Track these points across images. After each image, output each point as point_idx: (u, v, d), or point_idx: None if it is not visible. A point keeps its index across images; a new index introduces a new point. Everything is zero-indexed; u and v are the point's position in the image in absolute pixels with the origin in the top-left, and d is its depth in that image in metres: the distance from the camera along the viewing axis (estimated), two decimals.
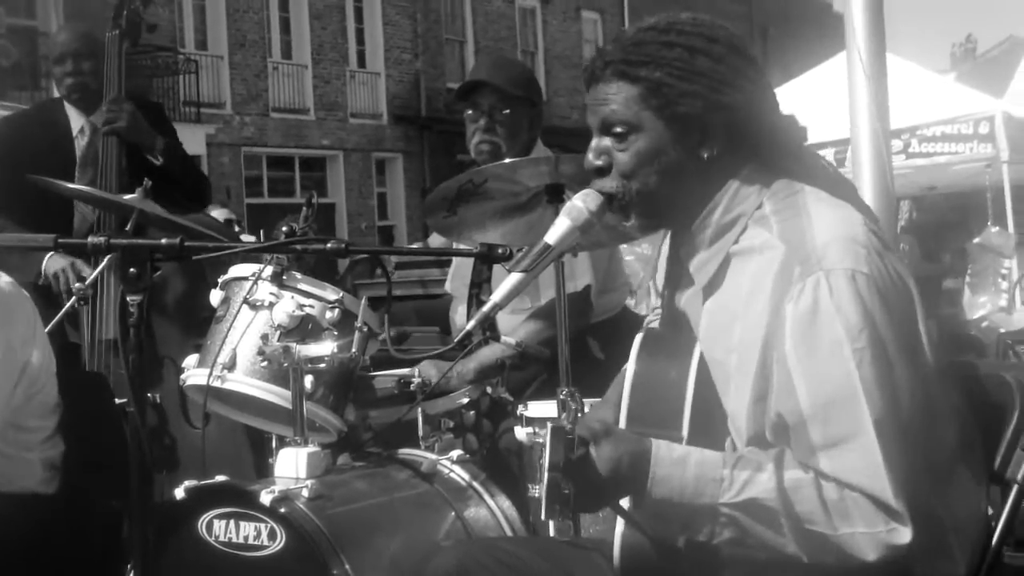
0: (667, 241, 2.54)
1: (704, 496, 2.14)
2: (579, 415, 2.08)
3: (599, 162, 2.35)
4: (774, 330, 2.18)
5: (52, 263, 4.77)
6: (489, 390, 3.87)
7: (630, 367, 2.45)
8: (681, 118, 2.28)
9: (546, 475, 2.00)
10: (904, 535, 2.08)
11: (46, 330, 3.45)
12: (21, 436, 3.23)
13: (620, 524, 2.35)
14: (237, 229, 8.25)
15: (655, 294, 2.65)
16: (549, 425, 2.04)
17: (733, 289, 2.29)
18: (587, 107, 2.40)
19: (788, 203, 2.29)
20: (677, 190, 2.33)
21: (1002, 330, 8.58)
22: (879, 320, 2.13)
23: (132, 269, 2.50)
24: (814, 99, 11.24)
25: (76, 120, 5.13)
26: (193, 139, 25.22)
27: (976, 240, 11.90)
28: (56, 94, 5.29)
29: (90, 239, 2.58)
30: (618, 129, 2.31)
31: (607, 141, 2.34)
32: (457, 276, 4.47)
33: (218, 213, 8.79)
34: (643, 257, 8.51)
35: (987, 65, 22.38)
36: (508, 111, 4.21)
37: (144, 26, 5.00)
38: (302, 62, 29.77)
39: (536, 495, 2.10)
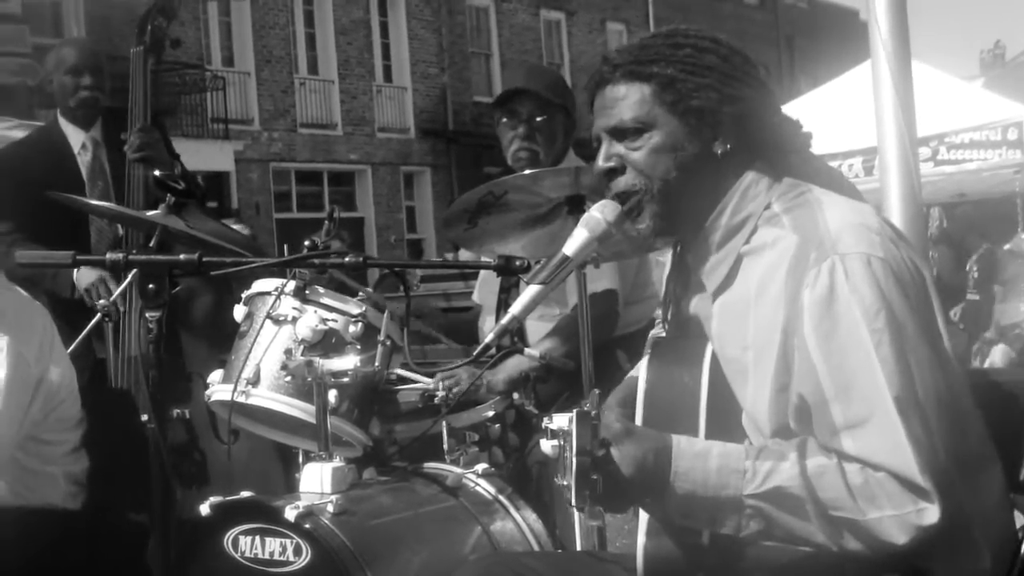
0: (669, 255, 2.54)
1: (728, 488, 2.13)
2: (603, 406, 2.06)
3: (611, 164, 2.37)
4: (793, 317, 2.18)
5: (83, 277, 4.78)
6: (516, 400, 3.86)
7: (641, 377, 2.44)
8: (695, 112, 2.30)
9: (574, 461, 1.98)
10: (933, 514, 2.06)
11: (72, 346, 3.46)
12: (42, 449, 3.24)
13: (642, 536, 2.34)
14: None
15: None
16: (574, 411, 2.01)
17: (744, 286, 2.29)
18: (594, 113, 2.41)
19: (798, 201, 2.31)
20: (693, 187, 2.33)
21: None
22: (896, 303, 2.14)
23: (151, 285, 2.51)
24: (841, 107, 11.20)
25: (75, 137, 5.15)
26: (221, 156, 25.36)
27: (1006, 247, 11.81)
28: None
29: (108, 255, 2.59)
30: (632, 128, 2.32)
31: (618, 145, 2.35)
32: (484, 286, 4.47)
33: (241, 227, 8.80)
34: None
35: (1017, 70, 22.31)
36: (545, 118, 4.21)
37: (168, 41, 5.00)
38: (329, 77, 29.87)
39: (564, 483, 2.05)
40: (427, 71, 32.06)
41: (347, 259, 2.89)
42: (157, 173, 4.73)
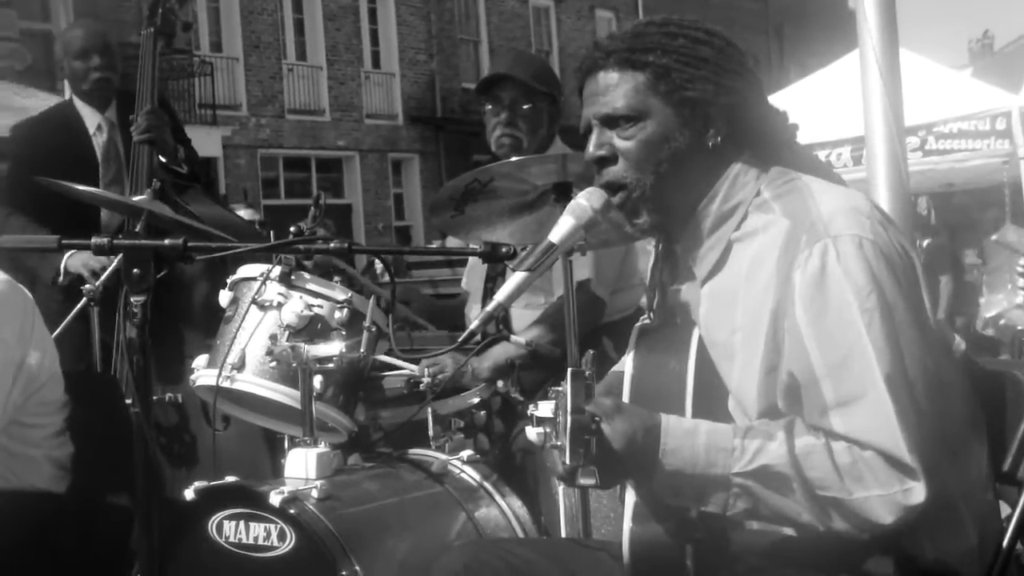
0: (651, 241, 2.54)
1: (716, 466, 2.14)
2: (595, 365, 2.06)
3: (602, 152, 2.35)
4: (783, 299, 2.19)
5: (72, 261, 4.77)
6: (501, 387, 3.86)
7: (628, 363, 2.45)
8: (689, 103, 2.30)
9: (569, 419, 1.98)
10: (919, 493, 2.07)
11: (58, 330, 3.44)
12: (24, 432, 3.23)
13: (628, 522, 2.34)
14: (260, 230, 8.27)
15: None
16: (569, 370, 2.01)
17: (734, 270, 2.30)
18: (584, 100, 2.39)
19: (788, 187, 2.32)
20: (684, 178, 2.33)
21: (1020, 327, 8.52)
22: (886, 284, 2.15)
23: (136, 270, 2.50)
24: (829, 97, 11.21)
25: (91, 118, 5.15)
26: (209, 141, 25.27)
27: (993, 237, 11.83)
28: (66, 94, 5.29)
29: (93, 240, 2.58)
30: (625, 116, 2.31)
31: (609, 133, 2.34)
32: (472, 273, 4.46)
33: (244, 213, 8.78)
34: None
35: (1005, 60, 22.34)
36: (529, 105, 4.19)
37: (179, 25, 4.99)
38: (317, 63, 29.79)
39: (558, 443, 2.05)
40: (415, 58, 31.98)
41: (332, 245, 2.89)
42: (162, 159, 4.77)
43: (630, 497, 2.32)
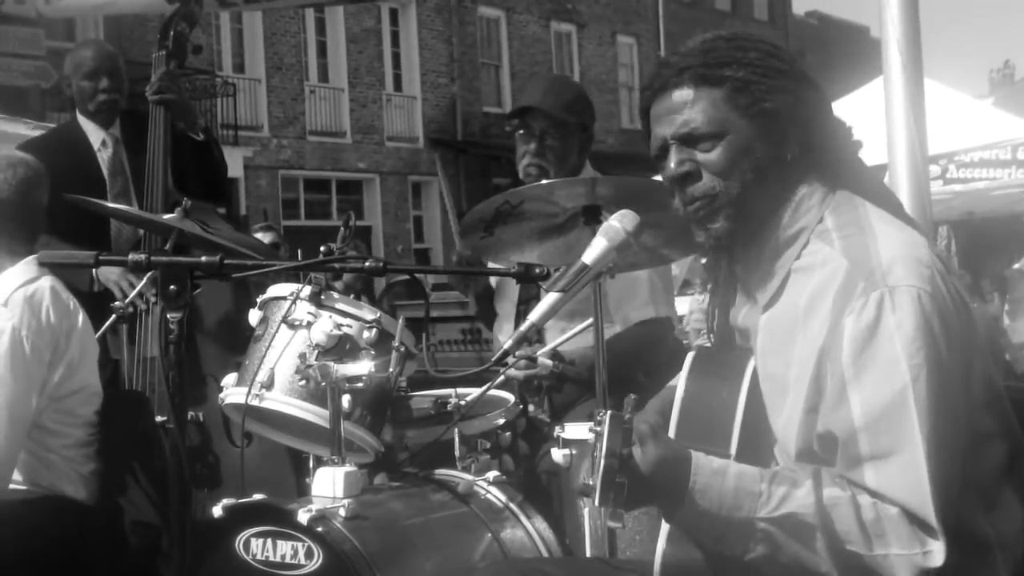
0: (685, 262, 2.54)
1: (741, 509, 2.13)
2: (636, 409, 2.07)
3: (685, 168, 2.32)
4: (831, 342, 2.17)
5: (105, 272, 4.82)
6: (531, 408, 3.87)
7: (680, 385, 2.45)
8: (768, 115, 2.28)
9: (603, 461, 1.99)
10: (938, 557, 2.07)
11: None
12: (45, 438, 3.27)
13: (662, 543, 2.35)
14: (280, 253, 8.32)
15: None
16: (608, 412, 2.02)
17: (792, 303, 2.28)
18: (655, 119, 2.37)
19: (850, 219, 2.29)
20: (765, 190, 2.32)
21: None
22: (939, 340, 2.13)
23: (172, 286, 2.52)
24: (851, 124, 11.18)
25: (95, 135, 5.22)
26: (231, 162, 25.25)
27: (1016, 266, 11.80)
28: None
29: (131, 256, 2.61)
30: (706, 133, 2.30)
31: (688, 150, 2.32)
32: (500, 294, 4.47)
33: (263, 236, 8.82)
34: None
35: None
36: (558, 136, 4.21)
37: (190, 47, 5.07)
38: (339, 86, 29.90)
39: (590, 482, 2.06)
40: (437, 81, 32.08)
41: (367, 264, 2.90)
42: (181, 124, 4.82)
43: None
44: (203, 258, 2.59)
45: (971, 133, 12.16)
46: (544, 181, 3.76)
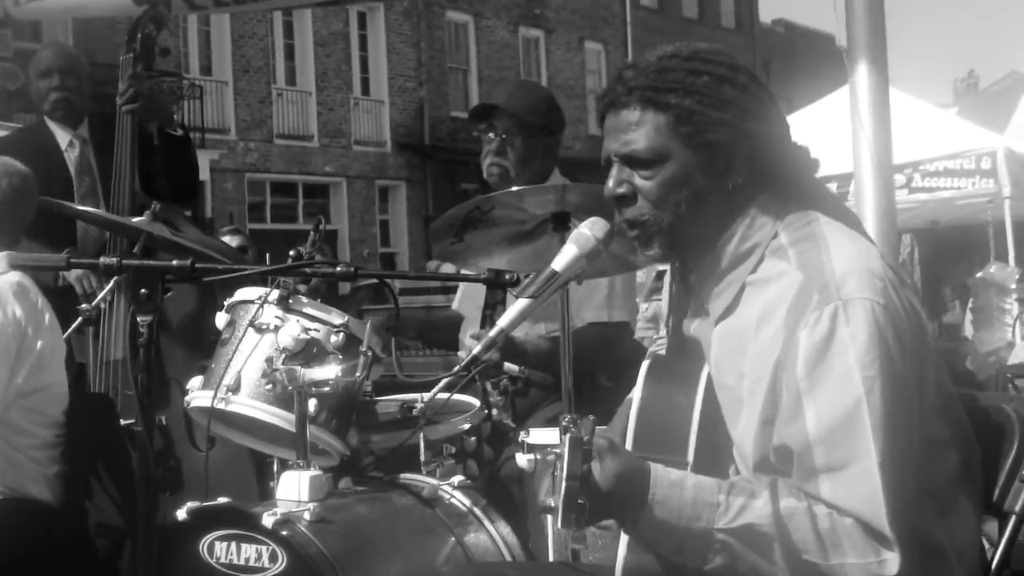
0: (668, 271, 2.55)
1: (700, 520, 2.14)
2: (594, 430, 2.08)
3: (622, 190, 2.34)
4: (786, 355, 2.18)
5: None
6: (494, 413, 3.88)
7: (636, 393, 2.46)
8: (710, 146, 2.28)
9: (564, 484, 1.99)
10: (893, 566, 2.09)
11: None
12: (11, 436, 3.25)
13: (623, 549, 2.36)
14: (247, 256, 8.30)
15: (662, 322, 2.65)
16: (568, 435, 2.03)
17: (746, 315, 2.29)
18: (605, 133, 2.37)
19: (804, 233, 2.30)
20: (702, 219, 2.32)
21: (1009, 363, 8.58)
22: (892, 351, 2.14)
23: (143, 290, 2.52)
24: (817, 132, 11.19)
25: (62, 135, 5.21)
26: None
27: (979, 275, 11.92)
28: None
29: (102, 259, 2.60)
30: (645, 158, 2.30)
31: (629, 170, 2.33)
32: (467, 299, 4.47)
33: (230, 239, 8.80)
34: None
35: (989, 100, 22.44)
36: (521, 137, 4.22)
37: (157, 50, 5.06)
38: (306, 89, 29.85)
39: (551, 504, 2.08)
40: (405, 85, 32.06)
41: (338, 269, 2.91)
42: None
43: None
44: (175, 262, 2.58)
45: (936, 142, 12.23)
46: (514, 188, 3.77)
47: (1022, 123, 14.52)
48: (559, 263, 2.37)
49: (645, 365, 2.52)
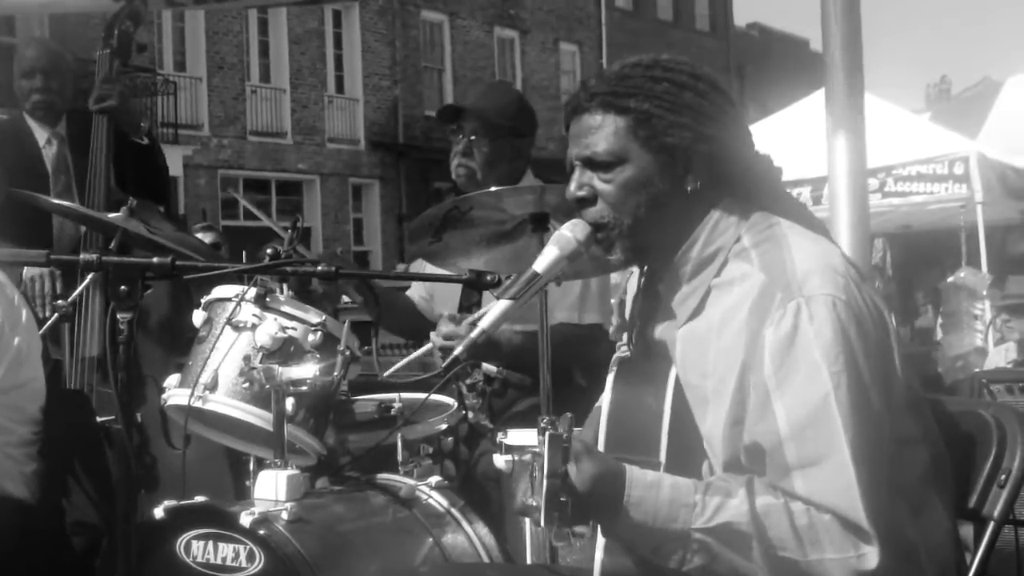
0: (635, 276, 2.56)
1: (677, 521, 2.15)
2: (572, 427, 2.09)
3: (582, 193, 2.38)
4: (752, 354, 2.20)
5: (27, 268, 4.77)
6: (469, 416, 3.88)
7: (605, 396, 2.47)
8: (668, 149, 2.31)
9: (545, 482, 2.00)
10: (872, 559, 2.10)
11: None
12: None
13: (600, 552, 2.36)
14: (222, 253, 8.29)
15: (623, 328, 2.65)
16: (547, 434, 2.03)
17: (709, 316, 2.31)
18: (569, 139, 2.41)
19: (767, 235, 2.33)
20: (662, 222, 2.35)
21: (977, 369, 8.62)
22: (856, 346, 2.17)
23: (123, 287, 2.51)
24: (791, 136, 11.29)
25: (41, 133, 5.18)
26: (170, 160, 25.08)
27: (950, 279, 11.97)
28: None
29: (82, 256, 2.59)
30: (605, 160, 2.33)
31: (590, 173, 2.37)
32: (441, 299, 4.47)
33: (204, 235, 8.78)
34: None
35: (961, 106, 22.55)
36: (487, 139, 4.22)
37: (135, 46, 5.04)
38: (280, 86, 29.80)
39: (533, 503, 2.08)
40: (379, 83, 32.03)
41: (320, 268, 2.90)
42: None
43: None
44: (155, 259, 2.57)
45: (909, 147, 12.28)
46: (493, 188, 3.77)
47: (995, 129, 14.59)
48: (540, 265, 2.38)
49: (613, 368, 2.54)
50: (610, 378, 2.51)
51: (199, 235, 8.65)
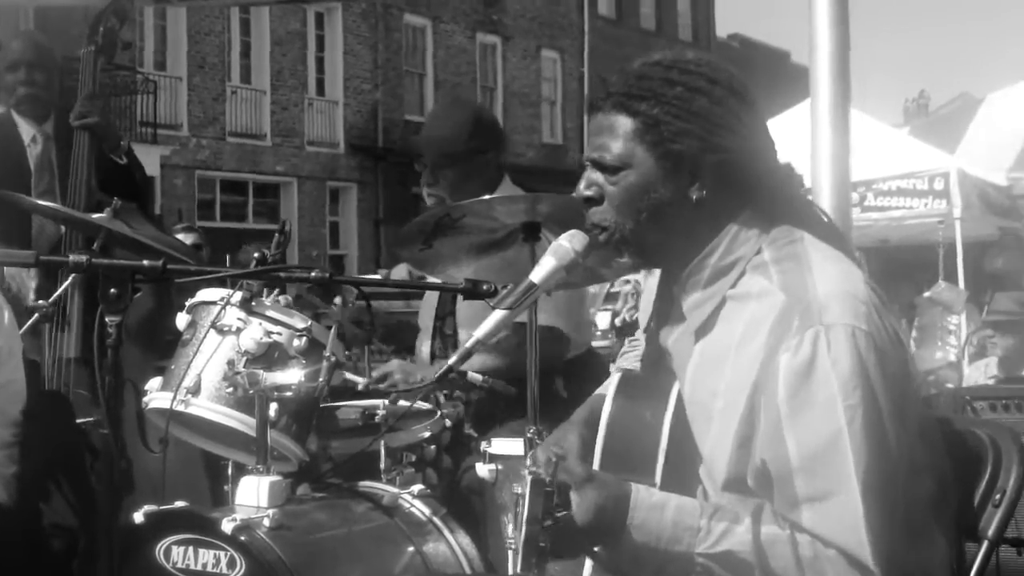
0: (653, 277, 2.53)
1: (680, 544, 2.13)
2: (558, 463, 2.07)
3: (589, 192, 2.34)
4: (765, 377, 2.16)
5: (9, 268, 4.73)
6: (450, 424, 3.86)
7: (606, 408, 2.44)
8: (673, 156, 2.26)
9: (524, 529, 2.00)
10: None
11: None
12: None
13: (588, 567, 2.35)
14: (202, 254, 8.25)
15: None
16: (528, 477, 2.02)
17: (726, 332, 2.27)
18: (587, 135, 2.39)
19: (788, 252, 2.28)
20: (665, 230, 2.31)
21: (949, 385, 8.61)
22: (873, 378, 2.12)
23: (112, 290, 2.48)
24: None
25: (26, 130, 5.12)
26: (148, 160, 24.96)
27: (927, 294, 11.98)
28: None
29: (71, 257, 2.56)
30: (611, 164, 2.30)
31: (598, 174, 2.33)
32: (424, 309, 4.46)
33: (184, 236, 8.73)
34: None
35: (940, 121, 22.62)
36: (447, 167, 4.26)
37: (120, 43, 5.00)
38: (261, 87, 29.72)
39: (511, 541, 2.09)
40: (360, 87, 31.97)
41: (312, 274, 2.88)
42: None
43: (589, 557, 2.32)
44: (145, 262, 2.54)
45: (890, 162, 12.31)
46: (485, 196, 3.76)
47: (972, 145, 14.64)
48: (537, 275, 2.35)
49: (615, 379, 2.51)
50: (611, 389, 2.48)
51: (180, 235, 8.60)
